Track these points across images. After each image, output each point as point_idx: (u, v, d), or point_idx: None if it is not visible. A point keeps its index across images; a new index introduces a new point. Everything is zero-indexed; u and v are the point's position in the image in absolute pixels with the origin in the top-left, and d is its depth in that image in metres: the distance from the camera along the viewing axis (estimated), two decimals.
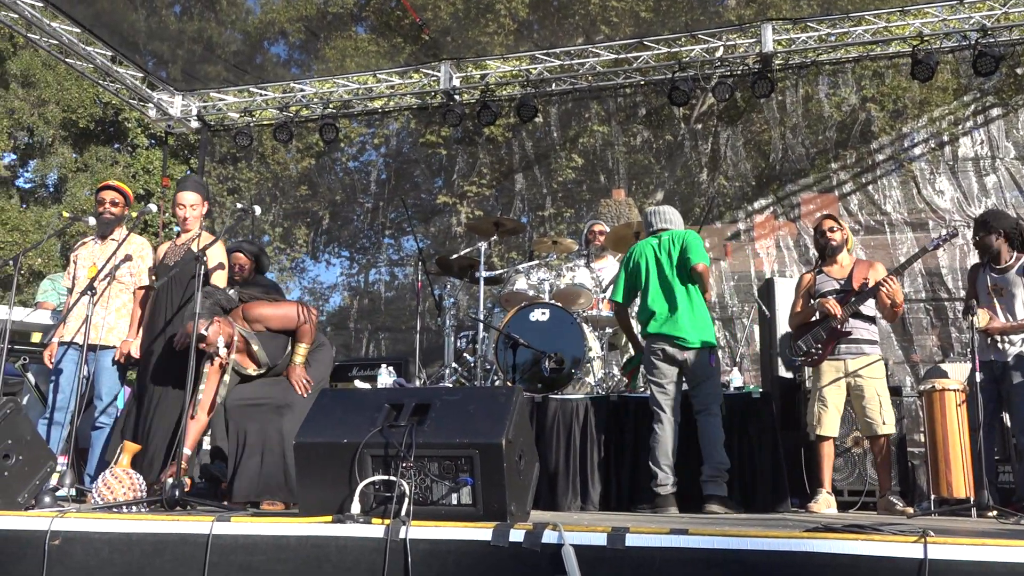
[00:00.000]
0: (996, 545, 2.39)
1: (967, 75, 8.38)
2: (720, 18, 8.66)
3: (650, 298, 4.83)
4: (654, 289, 4.83)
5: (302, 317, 4.50)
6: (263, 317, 4.51)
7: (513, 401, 3.19)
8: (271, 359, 4.49)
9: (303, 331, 4.50)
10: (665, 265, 4.83)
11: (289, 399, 4.37)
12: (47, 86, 17.01)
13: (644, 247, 4.97)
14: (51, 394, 4.88)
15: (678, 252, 4.81)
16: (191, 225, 4.89)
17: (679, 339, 4.69)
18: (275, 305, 4.60)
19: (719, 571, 2.56)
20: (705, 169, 10.01)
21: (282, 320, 4.51)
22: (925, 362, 7.96)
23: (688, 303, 4.76)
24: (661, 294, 4.80)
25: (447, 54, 8.89)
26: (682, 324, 4.71)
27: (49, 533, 3.06)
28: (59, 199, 17.77)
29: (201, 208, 4.93)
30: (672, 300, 4.76)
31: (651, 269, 4.88)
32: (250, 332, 4.46)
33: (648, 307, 4.84)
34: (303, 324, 4.49)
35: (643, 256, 4.93)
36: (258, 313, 4.51)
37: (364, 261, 11.36)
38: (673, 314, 4.73)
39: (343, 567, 2.82)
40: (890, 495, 4.87)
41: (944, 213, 8.62)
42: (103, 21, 8.32)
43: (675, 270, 4.80)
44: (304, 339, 4.50)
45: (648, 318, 4.81)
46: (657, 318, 4.78)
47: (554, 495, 4.96)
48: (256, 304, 4.54)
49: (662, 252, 4.87)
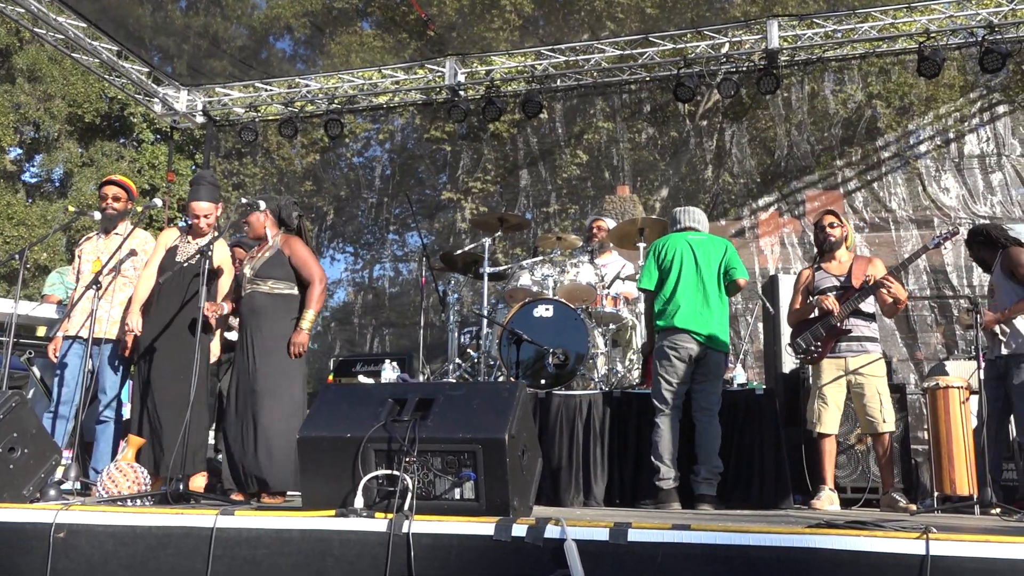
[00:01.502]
0: (998, 542, 2.39)
1: (974, 72, 8.34)
2: (726, 14, 8.64)
3: (679, 292, 4.82)
4: (686, 284, 4.82)
5: (320, 275, 4.56)
6: (296, 251, 4.56)
7: (516, 397, 3.20)
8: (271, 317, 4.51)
9: (316, 292, 4.51)
10: (702, 265, 4.84)
11: (273, 385, 4.38)
12: (53, 81, 17.04)
13: (677, 241, 4.95)
14: (56, 388, 4.89)
15: (721, 259, 4.87)
16: (207, 232, 4.88)
17: (707, 336, 4.73)
18: (310, 255, 4.64)
19: (721, 567, 2.57)
20: (710, 166, 9.99)
21: (306, 264, 4.54)
22: (929, 359, 7.95)
23: (720, 305, 4.85)
24: (694, 290, 4.81)
25: (452, 50, 8.89)
26: (712, 323, 4.77)
27: (54, 526, 3.08)
28: (64, 194, 17.82)
29: (215, 213, 4.90)
30: (705, 298, 4.80)
31: (685, 264, 4.86)
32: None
33: (676, 300, 4.81)
34: (319, 284, 4.53)
35: (676, 250, 4.91)
36: (296, 246, 4.58)
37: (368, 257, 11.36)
38: (704, 311, 4.77)
39: (346, 561, 2.83)
40: (893, 492, 4.87)
41: (949, 211, 8.59)
42: (109, 16, 8.33)
43: (713, 274, 4.84)
44: (313, 304, 4.50)
45: (675, 311, 4.79)
46: (686, 312, 4.77)
47: (557, 491, 4.98)
48: (298, 241, 4.63)
49: (699, 251, 4.87)
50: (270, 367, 4.42)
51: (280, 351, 4.46)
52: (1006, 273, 5.07)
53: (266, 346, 4.46)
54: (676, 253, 4.91)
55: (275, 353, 4.45)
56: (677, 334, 4.75)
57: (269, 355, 4.44)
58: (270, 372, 4.42)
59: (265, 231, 4.67)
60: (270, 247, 4.63)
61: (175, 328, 4.62)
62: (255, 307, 4.52)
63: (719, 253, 4.90)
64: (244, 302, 4.59)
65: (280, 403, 4.35)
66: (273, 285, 4.53)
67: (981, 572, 2.37)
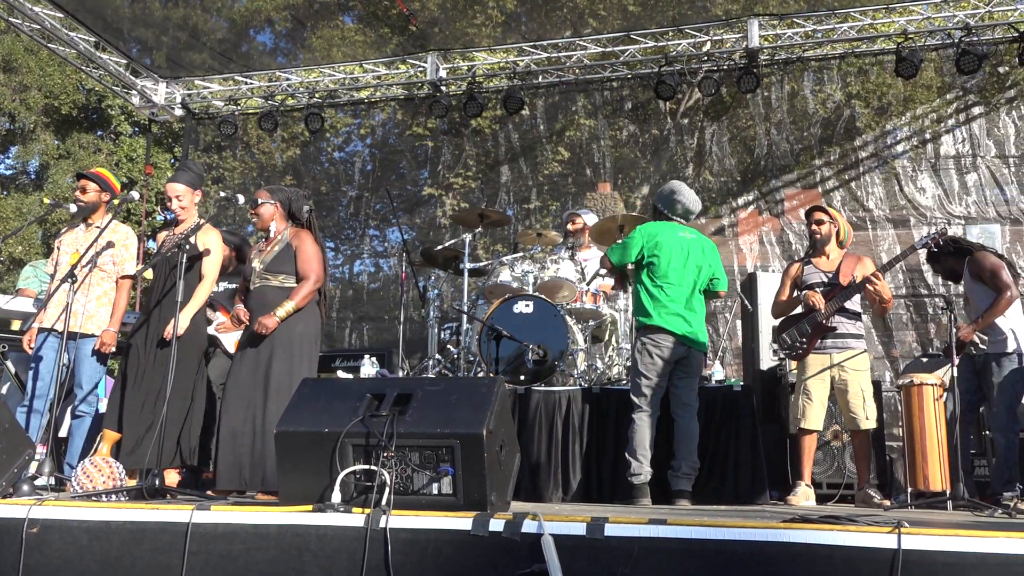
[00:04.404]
0: (967, 536, 2.44)
1: (950, 73, 8.42)
2: (707, 13, 8.67)
3: (668, 291, 4.77)
4: (676, 284, 4.78)
5: (316, 276, 4.45)
6: (303, 247, 4.48)
7: (495, 392, 3.21)
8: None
9: (304, 289, 4.42)
10: (691, 267, 4.83)
11: (280, 382, 4.30)
12: (29, 71, 16.81)
13: (671, 236, 4.86)
14: (30, 382, 4.83)
15: (709, 265, 4.90)
16: (183, 215, 4.83)
17: (690, 338, 4.75)
18: (315, 254, 4.54)
19: (697, 561, 2.59)
20: (691, 164, 10.03)
21: (307, 261, 4.46)
22: (904, 357, 8.03)
23: (701, 306, 4.89)
24: (681, 291, 4.79)
25: (434, 45, 8.86)
26: (695, 324, 4.80)
27: (27, 521, 3.04)
28: (40, 186, 17.60)
29: (191, 196, 4.83)
30: (690, 299, 4.81)
31: (675, 263, 4.81)
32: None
33: (664, 299, 4.76)
34: (311, 284, 4.44)
35: (669, 245, 4.83)
36: (304, 242, 4.51)
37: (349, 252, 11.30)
38: (689, 313, 4.79)
39: (323, 556, 2.83)
40: (868, 488, 4.92)
41: (925, 210, 8.68)
42: (86, 6, 8.23)
43: (700, 277, 4.86)
44: (296, 298, 4.40)
45: (661, 310, 4.74)
46: (673, 314, 4.75)
47: (536, 486, 4.99)
48: (308, 236, 4.55)
49: (692, 252, 4.86)
50: (280, 364, 4.35)
51: (290, 348, 4.39)
52: (975, 278, 5.12)
53: (279, 344, 4.38)
54: (668, 249, 4.82)
55: (287, 351, 4.38)
56: (661, 334, 4.74)
57: (281, 353, 4.37)
58: (279, 369, 4.35)
59: (272, 224, 4.58)
60: (279, 241, 4.56)
61: (157, 322, 4.58)
62: (266, 302, 4.44)
63: (708, 259, 4.92)
64: (253, 296, 4.51)
65: (285, 402, 4.30)
66: (284, 280, 4.48)
67: (951, 566, 2.41)
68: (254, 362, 4.37)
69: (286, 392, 4.19)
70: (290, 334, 4.41)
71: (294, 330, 4.42)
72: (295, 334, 4.42)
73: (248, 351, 4.42)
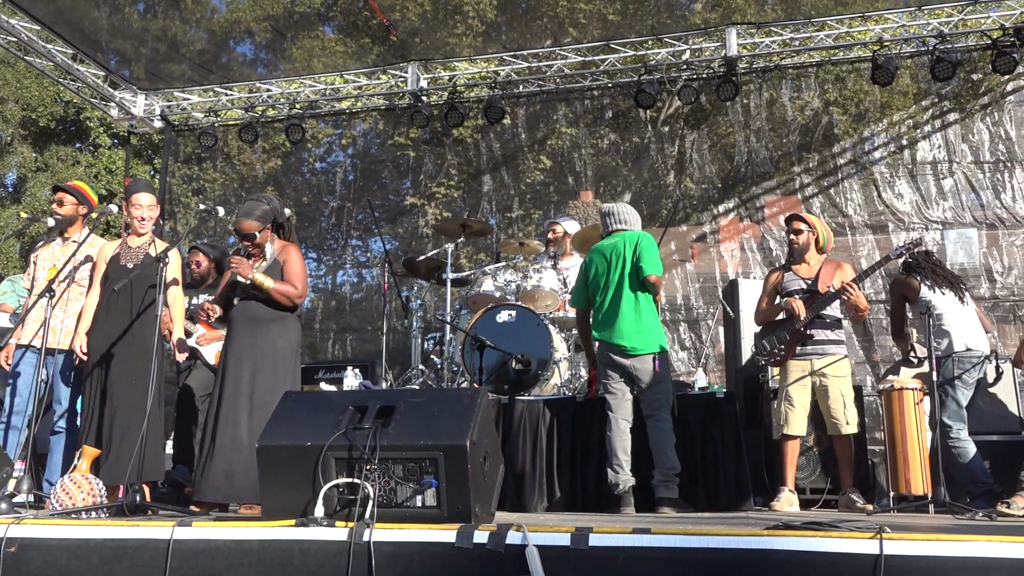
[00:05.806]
0: (948, 540, 2.45)
1: (926, 80, 8.53)
2: (686, 22, 8.75)
3: (598, 304, 4.84)
4: (609, 296, 4.79)
5: (299, 294, 4.44)
6: (290, 261, 4.46)
7: (478, 403, 3.20)
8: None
9: (284, 288, 4.39)
10: (616, 269, 4.78)
11: (263, 397, 4.25)
12: (6, 84, 16.68)
13: (597, 253, 4.93)
14: (8, 398, 4.77)
15: (631, 256, 4.75)
16: (147, 227, 4.81)
17: (620, 347, 4.70)
18: (301, 270, 4.52)
19: (681, 569, 2.60)
20: (672, 171, 10.08)
21: (293, 276, 4.43)
22: (885, 362, 8.10)
23: (634, 309, 4.71)
24: (608, 300, 4.79)
25: (415, 55, 8.87)
26: (624, 331, 4.68)
27: (5, 540, 3.01)
28: (18, 199, 17.43)
29: (156, 210, 4.86)
30: (616, 306, 4.73)
31: (601, 274, 4.85)
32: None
33: (596, 313, 4.86)
34: (296, 292, 4.42)
35: (597, 264, 4.89)
36: (291, 258, 4.48)
37: (331, 263, 11.26)
38: (615, 321, 4.71)
39: (307, 570, 2.80)
40: (851, 493, 4.96)
41: (903, 216, 8.78)
42: (64, 18, 8.17)
43: (626, 275, 4.75)
44: (275, 284, 4.37)
45: (604, 326, 4.79)
46: (603, 325, 4.79)
47: (520, 496, 4.98)
48: (295, 252, 4.52)
49: (615, 256, 4.81)
50: (263, 377, 4.32)
51: (275, 363, 4.36)
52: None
53: (262, 357, 4.35)
54: (598, 267, 4.88)
55: (270, 365, 4.35)
56: (609, 347, 4.75)
57: (263, 366, 4.34)
58: (263, 382, 4.31)
59: (267, 245, 4.55)
60: (267, 256, 4.54)
61: (130, 336, 4.54)
62: (252, 315, 4.41)
63: (630, 250, 4.77)
64: (238, 309, 4.48)
65: (268, 414, 4.26)
66: None
67: (932, 570, 2.43)
68: (236, 375, 4.34)
69: (269, 405, 4.15)
70: (272, 347, 4.38)
71: (276, 344, 4.39)
72: (277, 348, 4.39)
73: (230, 364, 4.39)
